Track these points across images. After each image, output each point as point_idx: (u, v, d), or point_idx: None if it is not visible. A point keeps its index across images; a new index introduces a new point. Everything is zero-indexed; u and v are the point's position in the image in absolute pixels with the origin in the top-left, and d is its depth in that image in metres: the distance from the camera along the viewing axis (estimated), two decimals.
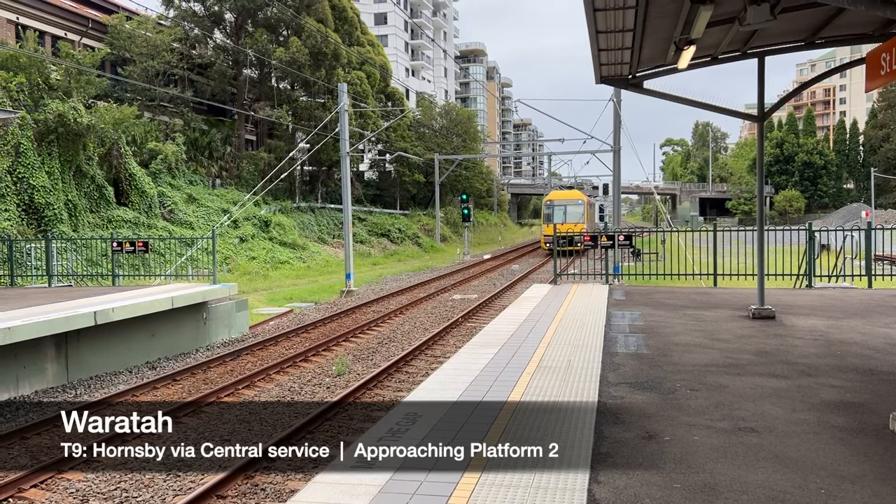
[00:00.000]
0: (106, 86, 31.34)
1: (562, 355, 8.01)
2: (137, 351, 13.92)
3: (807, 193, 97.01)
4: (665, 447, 5.05)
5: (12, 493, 7.58)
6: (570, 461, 4.72)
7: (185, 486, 7.82)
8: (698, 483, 4.39)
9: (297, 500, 4.14)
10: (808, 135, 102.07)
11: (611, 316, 11.06)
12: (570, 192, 45.82)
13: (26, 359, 11.49)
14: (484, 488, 4.28)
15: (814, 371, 7.35)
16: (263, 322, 19.27)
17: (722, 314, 11.31)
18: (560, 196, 44.40)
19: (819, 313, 11.32)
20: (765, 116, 10.82)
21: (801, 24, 9.31)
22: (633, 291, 14.68)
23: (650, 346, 8.68)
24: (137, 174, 28.62)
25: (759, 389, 6.62)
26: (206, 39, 40.75)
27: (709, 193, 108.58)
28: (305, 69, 39.12)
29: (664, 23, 8.20)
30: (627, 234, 16.26)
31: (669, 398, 6.33)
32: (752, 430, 5.43)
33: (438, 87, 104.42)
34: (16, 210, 21.80)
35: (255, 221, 34.74)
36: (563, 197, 44.02)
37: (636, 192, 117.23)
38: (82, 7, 36.46)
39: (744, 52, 10.47)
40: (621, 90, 23.80)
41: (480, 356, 7.99)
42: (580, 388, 6.60)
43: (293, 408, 10.85)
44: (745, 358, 8.00)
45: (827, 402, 6.22)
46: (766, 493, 4.23)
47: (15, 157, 22.22)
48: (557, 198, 43.85)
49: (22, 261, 19.67)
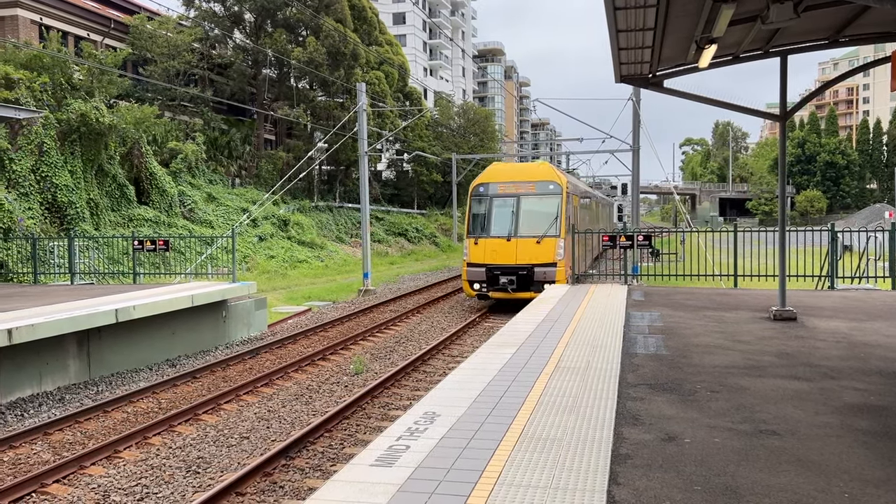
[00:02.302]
0: (127, 86, 31.64)
1: (581, 356, 7.98)
2: (158, 348, 14.04)
3: (829, 194, 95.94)
4: (685, 449, 5.01)
5: (35, 487, 7.68)
6: (590, 462, 4.69)
7: (204, 482, 7.87)
8: (719, 485, 4.35)
9: (316, 499, 4.15)
10: (830, 134, 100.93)
11: (630, 317, 10.99)
12: (527, 169, 20.89)
13: (49, 355, 11.63)
14: (502, 488, 4.27)
15: (837, 373, 7.26)
16: (282, 320, 19.37)
17: (742, 315, 11.20)
18: (506, 176, 20.23)
19: (842, 315, 11.18)
20: (787, 116, 10.71)
21: (825, 23, 9.20)
22: (653, 292, 14.58)
23: (670, 348, 8.62)
24: (158, 173, 28.88)
25: (780, 392, 6.55)
26: (225, 39, 41.04)
27: (729, 193, 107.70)
28: (324, 69, 39.27)
29: (685, 21, 8.13)
30: (646, 234, 16.15)
31: (689, 400, 6.28)
32: (774, 433, 5.37)
33: (456, 86, 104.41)
34: (39, 208, 22.07)
35: (274, 220, 34.94)
36: (514, 178, 20.07)
37: (655, 192, 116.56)
38: (104, 8, 36.86)
39: (766, 51, 10.36)
40: (641, 89, 23.67)
41: (498, 356, 7.97)
42: (599, 388, 6.56)
43: (311, 406, 10.90)
44: (767, 360, 7.92)
45: (850, 404, 6.14)
46: (789, 497, 4.19)
47: (38, 157, 22.50)
48: (500, 179, 20.09)
49: (45, 259, 19.92)
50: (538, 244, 18.29)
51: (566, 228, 18.56)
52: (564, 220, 18.60)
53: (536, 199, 19.11)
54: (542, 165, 20.56)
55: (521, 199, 19.14)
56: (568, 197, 19.37)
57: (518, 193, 19.23)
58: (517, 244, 18.42)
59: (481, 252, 18.62)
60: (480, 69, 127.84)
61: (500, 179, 19.69)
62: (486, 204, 19.39)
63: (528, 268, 17.99)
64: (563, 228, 18.43)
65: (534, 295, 15.50)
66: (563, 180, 19.45)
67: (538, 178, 19.46)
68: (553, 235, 18.44)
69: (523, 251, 18.28)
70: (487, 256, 18.38)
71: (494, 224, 19.03)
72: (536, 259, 18.12)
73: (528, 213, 18.97)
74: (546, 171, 19.87)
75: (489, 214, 19.17)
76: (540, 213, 18.91)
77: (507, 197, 19.29)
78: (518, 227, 18.73)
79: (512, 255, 18.33)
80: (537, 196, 19.09)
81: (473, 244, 18.90)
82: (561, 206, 18.79)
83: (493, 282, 18.22)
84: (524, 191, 19.22)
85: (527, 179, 19.46)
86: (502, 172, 20.12)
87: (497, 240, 18.70)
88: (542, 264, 18.04)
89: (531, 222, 18.81)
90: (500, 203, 19.23)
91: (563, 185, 19.25)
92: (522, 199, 19.15)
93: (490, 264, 18.18)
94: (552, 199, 19.00)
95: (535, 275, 17.81)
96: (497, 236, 18.78)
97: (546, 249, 18.23)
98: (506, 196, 19.31)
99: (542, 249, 18.22)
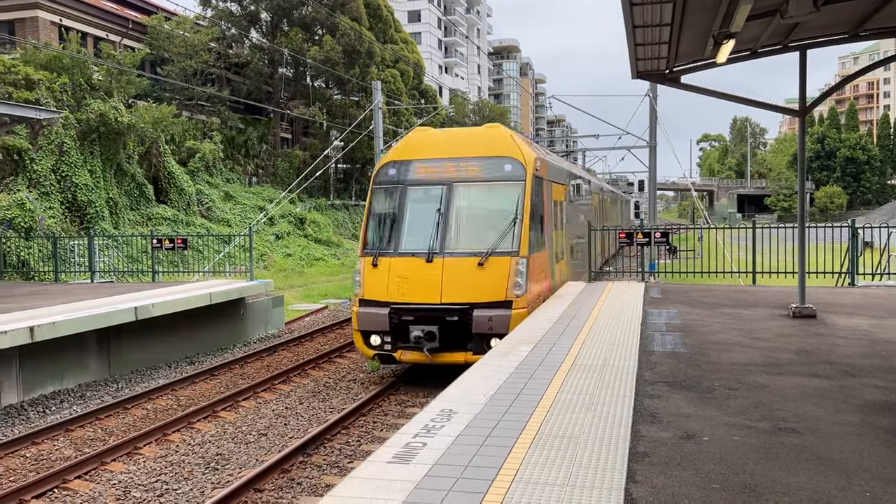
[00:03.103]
0: (146, 85, 31.92)
1: (597, 353, 7.95)
2: (177, 346, 14.16)
3: (849, 189, 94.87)
4: (704, 447, 4.98)
5: (57, 483, 7.78)
6: (607, 460, 4.68)
7: (223, 479, 7.94)
8: (738, 484, 4.32)
9: (333, 495, 4.17)
10: (850, 129, 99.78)
11: (647, 314, 10.93)
12: (468, 138, 12.80)
13: (70, 353, 11.77)
14: (519, 486, 4.27)
15: (857, 371, 7.18)
16: (299, 318, 19.48)
17: (761, 313, 11.11)
18: (433, 149, 12.52)
19: (862, 312, 11.06)
20: (806, 111, 10.59)
21: (845, 16, 9.09)
22: (670, 289, 14.49)
23: (687, 345, 8.57)
24: (176, 172, 29.12)
25: (800, 389, 6.49)
26: (242, 39, 41.28)
27: (747, 190, 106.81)
28: (340, 67, 39.38)
29: (702, 16, 8.07)
30: (664, 231, 16.05)
31: (708, 397, 6.24)
32: (794, 431, 5.32)
33: (472, 83, 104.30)
34: (59, 208, 22.33)
35: (291, 219, 35.12)
36: (445, 152, 12.36)
37: (672, 189, 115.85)
38: (123, 9, 37.19)
39: (785, 46, 10.26)
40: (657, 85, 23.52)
41: (515, 353, 7.96)
42: (616, 386, 6.54)
43: (329, 403, 10.95)
44: (786, 357, 7.85)
45: (871, 402, 6.07)
46: (809, 495, 4.15)
47: (59, 156, 22.76)
48: (423, 155, 12.44)
49: (66, 257, 20.15)
50: (481, 268, 10.99)
51: (535, 239, 11.83)
52: (528, 223, 11.42)
53: (482, 188, 11.73)
54: (495, 131, 12.55)
55: (454, 188, 11.66)
56: (540, 185, 12.32)
57: (450, 179, 11.77)
58: (444, 268, 11.06)
59: (383, 281, 11.23)
60: (496, 66, 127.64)
61: (423, 155, 12.17)
62: (395, 198, 11.96)
63: (462, 310, 10.76)
64: (527, 239, 11.30)
65: (472, 358, 10.23)
66: (528, 157, 11.95)
67: (486, 152, 11.92)
68: (507, 252, 11.12)
69: (454, 281, 10.97)
70: (393, 289, 11.12)
71: (407, 233, 11.65)
72: (476, 295, 10.88)
73: (465, 213, 11.61)
74: (500, 140, 12.16)
75: (399, 216, 11.79)
76: (487, 214, 11.67)
77: (432, 186, 11.84)
78: (447, 237, 11.33)
79: (434, 288, 10.97)
80: (484, 184, 11.71)
81: (371, 267, 11.42)
82: (523, 201, 11.51)
83: (401, 334, 11.07)
84: (462, 175, 11.78)
85: (467, 155, 11.95)
86: (427, 143, 12.47)
87: (411, 260, 11.23)
88: (486, 304, 10.82)
89: (471, 229, 11.49)
90: (419, 196, 11.89)
91: (530, 165, 11.78)
92: (457, 188, 11.68)
93: (397, 304, 11.02)
94: (509, 188, 11.62)
95: (475, 323, 10.70)
96: (411, 253, 11.31)
97: (494, 277, 10.98)
98: (429, 184, 11.88)
99: (487, 278, 10.97)
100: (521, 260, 11.17)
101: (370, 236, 12.01)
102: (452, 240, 11.36)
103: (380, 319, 11.15)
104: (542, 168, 12.60)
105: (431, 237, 11.38)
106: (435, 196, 11.79)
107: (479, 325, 10.74)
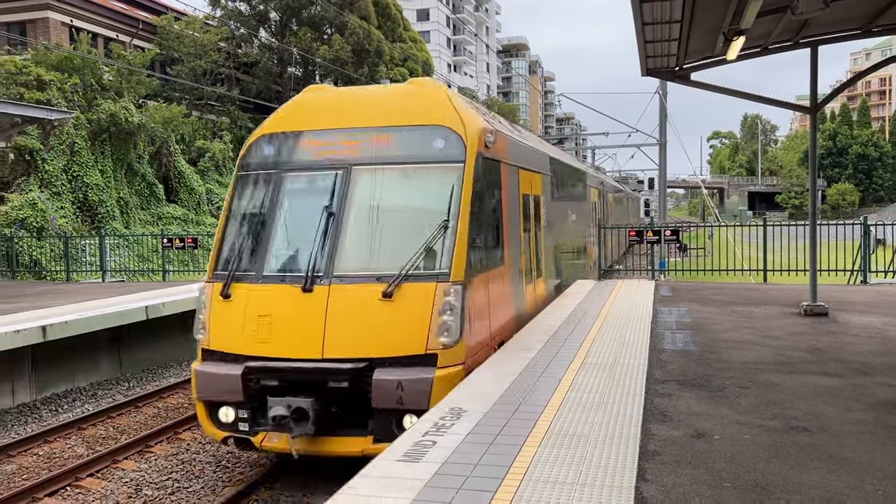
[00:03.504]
0: (156, 85, 32.07)
1: (608, 352, 7.93)
2: (187, 345, 14.22)
3: (861, 186, 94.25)
4: (714, 446, 4.96)
5: (70, 481, 7.83)
6: (617, 459, 4.67)
7: (233, 477, 7.97)
8: (749, 482, 4.30)
9: (344, 493, 4.18)
10: (862, 126, 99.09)
11: (657, 312, 10.90)
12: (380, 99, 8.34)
13: (82, 352, 11.85)
14: (529, 484, 4.27)
15: (870, 369, 7.13)
16: None
17: (772, 311, 11.05)
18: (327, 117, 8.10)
19: (875, 310, 10.98)
20: (818, 107, 10.52)
21: (857, 12, 9.02)
22: (680, 287, 14.44)
23: (698, 343, 8.54)
24: (186, 172, 29.26)
25: (811, 388, 6.46)
26: (251, 38, 41.39)
27: (758, 187, 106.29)
28: (348, 66, 39.43)
29: (712, 13, 8.03)
30: (674, 228, 16.00)
31: (719, 396, 6.22)
32: (805, 430, 5.29)
33: (481, 82, 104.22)
34: (71, 207, 22.49)
35: None
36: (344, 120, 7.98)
37: (683, 186, 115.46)
38: (133, 9, 37.38)
39: (796, 42, 10.19)
40: (667, 83, 23.44)
41: (525, 351, 7.95)
42: (627, 384, 6.52)
43: None
44: (797, 355, 7.81)
45: (884, 401, 6.03)
46: (821, 494, 4.13)
47: (70, 157, 22.92)
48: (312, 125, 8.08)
49: (77, 257, 20.29)
50: (388, 301, 7.04)
51: (483, 252, 7.85)
52: (468, 229, 7.37)
53: (396, 175, 7.75)
54: (421, 88, 8.47)
55: (353, 175, 7.75)
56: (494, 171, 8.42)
57: (347, 161, 7.82)
58: (330, 302, 7.15)
59: (237, 321, 7.36)
60: (505, 64, 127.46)
61: (312, 125, 8.19)
62: (266, 191, 8.04)
63: (356, 371, 6.77)
64: (464, 253, 7.25)
65: (373, 449, 6.50)
66: (472, 127, 7.86)
67: (405, 119, 7.95)
68: (431, 276, 7.18)
69: (345, 322, 7.05)
70: (250, 335, 7.21)
71: (277, 245, 7.81)
72: (379, 345, 6.97)
73: (368, 213, 7.61)
74: (428, 102, 8.14)
75: (268, 220, 7.91)
76: (402, 215, 7.67)
77: (319, 172, 7.90)
78: (338, 252, 7.42)
79: (313, 334, 7.05)
80: (399, 168, 7.76)
81: (220, 300, 7.55)
82: (460, 195, 7.49)
83: (264, 406, 6.96)
84: (367, 154, 7.83)
85: (377, 123, 7.96)
86: (322, 108, 8.44)
87: (279, 289, 7.39)
88: (395, 360, 6.91)
89: (376, 240, 7.48)
90: (299, 187, 8.00)
91: (474, 139, 7.75)
92: (358, 175, 7.76)
93: (256, 358, 7.05)
94: (439, 175, 7.69)
95: (376, 392, 6.76)
96: (280, 278, 7.47)
97: (408, 316, 7.03)
98: (315, 169, 7.94)
99: (397, 317, 7.02)
100: (454, 288, 6.96)
101: (224, 250, 7.82)
102: (346, 256, 7.22)
103: (230, 383, 6.92)
104: (497, 146, 8.40)
105: (314, 252, 7.25)
106: (324, 188, 7.61)
107: (382, 396, 6.65)
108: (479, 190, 7.71)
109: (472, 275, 7.39)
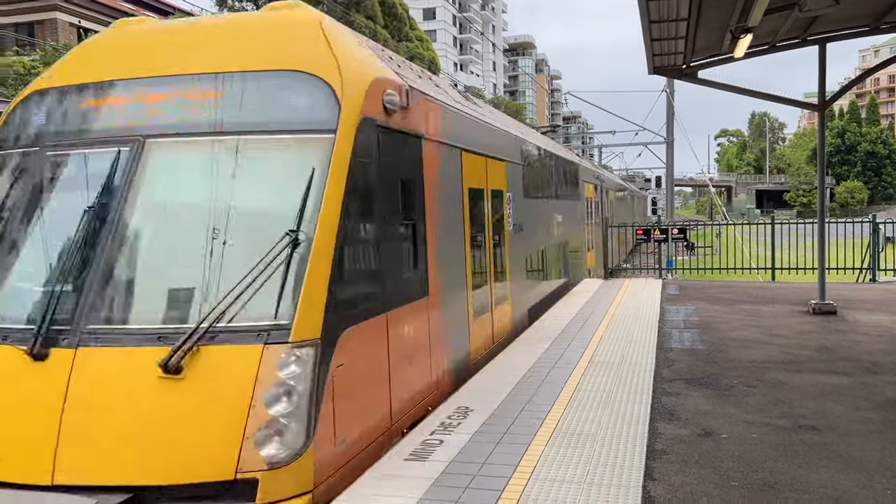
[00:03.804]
0: None
1: (615, 350, 7.92)
2: None
3: (870, 184, 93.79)
4: (722, 444, 4.95)
5: None
6: (624, 458, 4.67)
7: None
8: (757, 481, 4.30)
9: (351, 492, 4.19)
10: (871, 123, 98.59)
11: (665, 311, 10.88)
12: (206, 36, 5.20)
13: None
14: (536, 483, 4.27)
15: (878, 368, 7.10)
16: None
17: (780, 309, 11.01)
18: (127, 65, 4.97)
19: (884, 308, 10.93)
20: (826, 105, 10.49)
21: (865, 9, 8.98)
22: (688, 286, 14.40)
23: (705, 342, 8.52)
24: None
25: (819, 387, 6.44)
26: None
27: (766, 185, 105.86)
28: None
29: (719, 11, 8.01)
30: (681, 227, 15.97)
31: (726, 395, 6.20)
32: (813, 429, 5.28)
33: (487, 80, 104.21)
34: None
35: None
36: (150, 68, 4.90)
37: (690, 185, 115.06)
38: (139, 9, 37.49)
39: (804, 39, 10.16)
40: (674, 81, 23.39)
41: (532, 350, 7.95)
42: (634, 383, 6.52)
43: None
44: (805, 354, 7.78)
45: (893, 400, 6.00)
46: (829, 493, 4.12)
47: None
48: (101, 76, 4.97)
49: None
50: (171, 380, 4.03)
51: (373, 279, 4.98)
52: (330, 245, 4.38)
53: (216, 152, 4.65)
54: (275, 14, 5.51)
55: (145, 152, 4.71)
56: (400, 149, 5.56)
57: (139, 131, 4.78)
58: (75, 377, 4.11)
59: None
60: (511, 63, 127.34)
61: (98, 76, 5.08)
62: (12, 182, 4.99)
63: None
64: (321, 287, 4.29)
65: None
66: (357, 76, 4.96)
67: (240, 62, 4.89)
68: (255, 329, 4.14)
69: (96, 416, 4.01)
70: None
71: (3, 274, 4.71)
72: (157, 462, 3.89)
73: (162, 216, 4.64)
74: (285, 35, 5.15)
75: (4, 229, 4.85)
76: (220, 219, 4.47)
77: (94, 150, 4.84)
78: (96, 284, 4.36)
79: (41, 438, 3.99)
80: (221, 140, 4.67)
81: None
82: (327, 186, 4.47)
83: None
84: (172, 118, 4.79)
85: (191, 71, 4.90)
86: (121, 50, 5.32)
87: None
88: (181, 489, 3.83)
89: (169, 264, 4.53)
90: (62, 174, 4.91)
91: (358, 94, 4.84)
92: (153, 152, 4.72)
93: None
94: (288, 153, 4.66)
95: None
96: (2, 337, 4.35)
97: (206, 405, 4.00)
98: (88, 145, 4.87)
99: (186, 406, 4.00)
100: (297, 353, 4.16)
101: None
102: (112, 294, 4.43)
103: None
104: (413, 113, 5.78)
105: (57, 288, 4.44)
106: (95, 175, 4.75)
107: None
108: (366, 178, 4.85)
109: (344, 324, 4.45)
